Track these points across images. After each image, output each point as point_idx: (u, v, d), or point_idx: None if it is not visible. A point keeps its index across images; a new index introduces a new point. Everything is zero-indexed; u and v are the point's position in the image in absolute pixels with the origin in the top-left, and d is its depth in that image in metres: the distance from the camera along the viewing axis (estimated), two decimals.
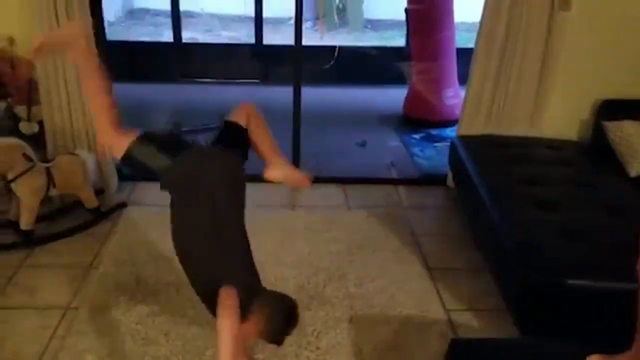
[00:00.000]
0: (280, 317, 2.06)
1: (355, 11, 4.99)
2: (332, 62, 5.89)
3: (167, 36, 6.84)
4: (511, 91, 3.54)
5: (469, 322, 2.66)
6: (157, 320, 2.54)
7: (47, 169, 3.12)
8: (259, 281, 2.18)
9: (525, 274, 2.38)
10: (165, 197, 2.19)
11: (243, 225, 2.20)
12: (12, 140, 3.04)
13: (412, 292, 2.83)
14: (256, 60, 6.40)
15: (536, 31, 3.37)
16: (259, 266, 2.23)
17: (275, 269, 2.94)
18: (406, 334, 2.54)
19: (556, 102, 3.59)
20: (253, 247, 2.82)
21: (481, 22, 3.44)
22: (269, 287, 2.23)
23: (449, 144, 3.85)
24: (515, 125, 3.61)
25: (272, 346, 2.38)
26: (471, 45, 3.60)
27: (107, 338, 2.43)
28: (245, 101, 2.44)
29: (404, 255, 3.13)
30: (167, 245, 2.27)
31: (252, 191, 3.71)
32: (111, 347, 2.38)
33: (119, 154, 2.24)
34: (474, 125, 3.66)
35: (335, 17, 4.95)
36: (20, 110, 3.41)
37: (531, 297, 2.37)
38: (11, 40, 3.35)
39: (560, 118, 3.66)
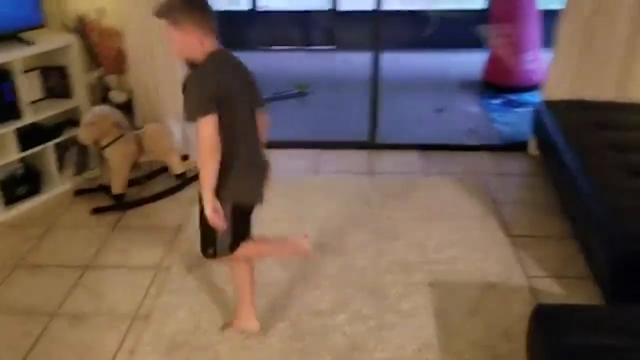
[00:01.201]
0: None
1: None
2: (430, 31, 5.76)
3: (244, 4, 6.91)
4: (600, 54, 3.40)
5: (552, 289, 2.60)
6: None
7: (137, 136, 3.27)
8: None
9: (616, 242, 2.31)
10: None
11: None
12: (105, 109, 3.20)
13: (493, 258, 2.79)
14: (332, 27, 6.37)
15: None
16: (337, 231, 2.29)
17: (355, 234, 2.97)
18: (487, 299, 2.52)
19: None
20: (332, 212, 2.90)
21: None
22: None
23: (529, 109, 3.72)
24: (604, 90, 3.46)
25: (355, 307, 2.45)
26: (554, 6, 3.44)
27: (197, 295, 2.56)
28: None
29: (484, 222, 3.08)
30: None
31: (330, 157, 3.80)
32: (202, 303, 2.51)
33: None
34: (559, 90, 3.54)
35: None
36: (111, 79, 3.58)
37: (620, 266, 2.29)
38: (101, 12, 3.50)
39: None
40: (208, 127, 1.95)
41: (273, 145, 3.91)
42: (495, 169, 3.69)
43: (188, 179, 3.51)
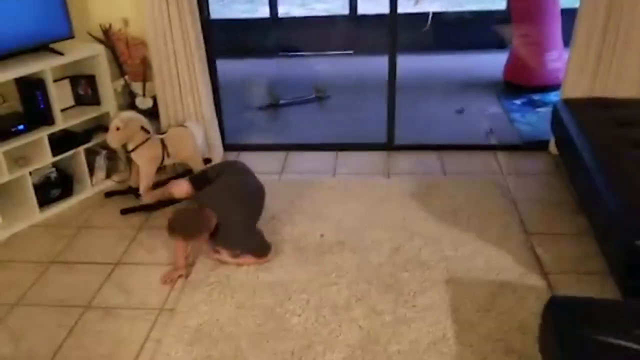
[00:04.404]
0: None
1: None
2: (426, 28, 5.83)
3: (262, 12, 7.04)
4: (618, 51, 3.39)
5: (569, 285, 2.63)
6: (262, 275, 2.75)
7: (162, 140, 3.40)
8: None
9: (633, 237, 2.31)
10: (268, 165, 2.35)
11: None
12: (132, 114, 3.33)
13: (510, 255, 2.83)
14: (351, 31, 6.45)
15: None
16: (354, 229, 2.49)
17: (371, 232, 3.04)
18: (503, 295, 2.56)
19: None
20: (348, 211, 3.17)
21: None
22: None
23: (551, 108, 3.74)
24: (623, 87, 3.46)
25: (371, 302, 2.53)
26: (577, 5, 3.46)
27: (219, 291, 2.66)
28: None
29: (502, 220, 3.12)
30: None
31: (346, 159, 3.88)
32: (223, 298, 2.61)
33: None
34: (578, 88, 3.55)
35: None
36: (136, 86, 3.72)
37: (635, 259, 2.30)
38: (126, 22, 3.64)
39: None
40: None
41: (291, 147, 4.06)
42: (514, 168, 3.72)
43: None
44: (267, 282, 2.70)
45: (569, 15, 4.74)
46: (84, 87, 3.53)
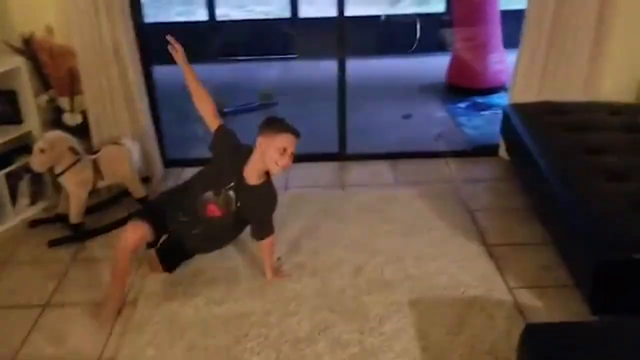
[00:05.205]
0: None
1: None
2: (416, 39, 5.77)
3: (200, 15, 6.75)
4: (566, 54, 3.37)
5: (535, 300, 2.53)
6: (214, 310, 2.50)
7: (94, 161, 3.09)
8: None
9: (596, 249, 2.25)
10: None
11: None
12: (58, 134, 3.02)
13: (473, 270, 2.72)
14: (293, 34, 6.27)
15: None
16: (311, 250, 2.41)
17: (331, 252, 2.86)
18: (470, 315, 2.43)
19: (614, 64, 3.40)
20: (304, 229, 3.00)
21: None
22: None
23: (496, 112, 3.70)
24: (571, 90, 3.43)
25: (335, 333, 2.34)
26: (516, 6, 3.42)
27: (166, 331, 2.40)
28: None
29: (461, 232, 3.01)
30: None
31: (297, 172, 3.68)
32: (171, 339, 2.35)
33: None
34: (527, 92, 3.50)
35: None
36: (63, 101, 3.39)
37: (602, 274, 2.23)
38: (50, 30, 3.31)
39: (619, 80, 3.47)
40: None
41: None
42: (466, 175, 3.65)
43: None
44: (221, 317, 2.46)
45: (507, 17, 4.78)
46: (3, 104, 3.18)
